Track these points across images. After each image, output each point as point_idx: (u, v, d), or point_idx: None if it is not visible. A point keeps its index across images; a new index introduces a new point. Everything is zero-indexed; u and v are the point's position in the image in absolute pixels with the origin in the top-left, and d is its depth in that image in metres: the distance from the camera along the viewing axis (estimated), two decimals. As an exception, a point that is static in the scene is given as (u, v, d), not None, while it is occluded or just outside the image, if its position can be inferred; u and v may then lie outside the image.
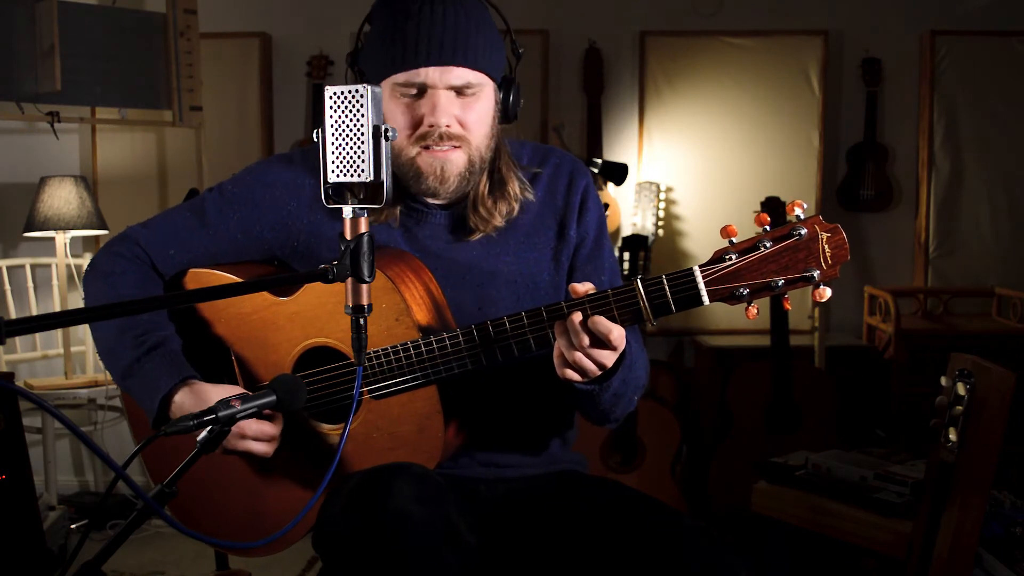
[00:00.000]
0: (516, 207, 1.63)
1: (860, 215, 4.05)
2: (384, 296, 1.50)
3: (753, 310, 1.37)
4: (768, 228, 1.36)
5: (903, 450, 2.73)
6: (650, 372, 1.67)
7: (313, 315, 1.57)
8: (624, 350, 1.45)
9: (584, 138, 3.97)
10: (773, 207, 3.48)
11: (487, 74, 1.55)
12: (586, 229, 1.67)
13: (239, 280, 1.62)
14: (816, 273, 1.34)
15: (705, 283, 1.37)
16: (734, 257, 1.36)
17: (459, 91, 1.52)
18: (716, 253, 1.37)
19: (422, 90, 1.52)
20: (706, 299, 1.37)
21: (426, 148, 1.53)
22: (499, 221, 1.62)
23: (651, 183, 3.77)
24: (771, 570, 2.59)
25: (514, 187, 1.63)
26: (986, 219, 4.04)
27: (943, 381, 1.94)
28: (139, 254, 1.66)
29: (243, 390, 1.58)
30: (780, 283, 1.35)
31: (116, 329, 1.59)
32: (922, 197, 4.03)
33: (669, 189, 3.99)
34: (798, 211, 1.34)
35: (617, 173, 3.25)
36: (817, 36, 3.96)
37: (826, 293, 1.35)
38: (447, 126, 1.52)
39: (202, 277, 1.67)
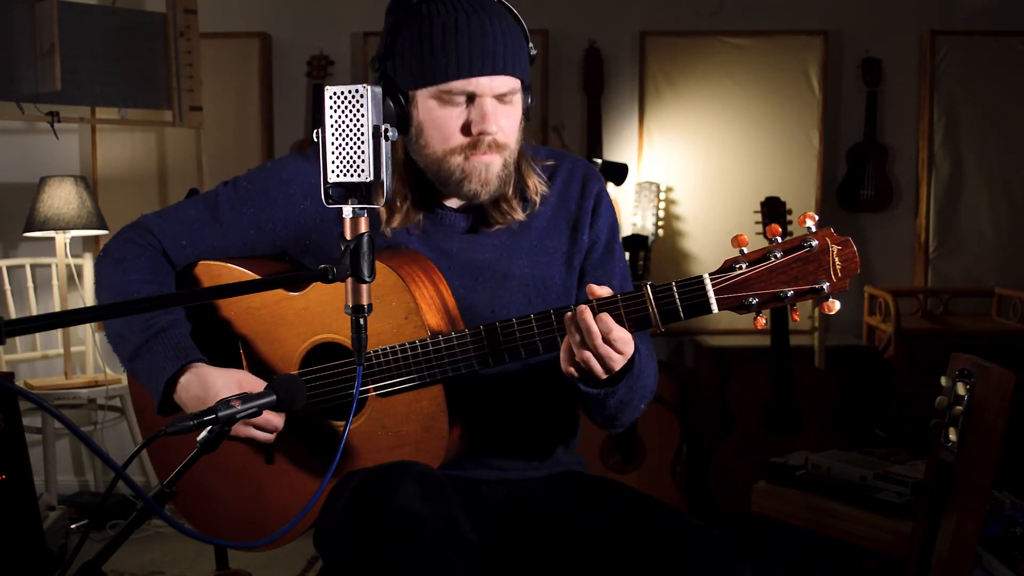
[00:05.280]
0: (537, 200, 1.64)
1: (860, 215, 4.05)
2: (394, 294, 1.51)
3: (761, 319, 1.38)
4: (779, 239, 1.37)
5: (903, 450, 2.73)
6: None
7: (322, 311, 1.58)
8: (633, 359, 1.45)
9: (584, 138, 3.97)
10: (773, 207, 3.48)
11: (522, 80, 1.56)
12: (598, 233, 1.67)
13: (249, 274, 1.63)
14: (826, 285, 1.35)
15: (715, 291, 1.37)
16: (744, 266, 1.36)
17: (500, 98, 1.53)
18: (726, 262, 1.38)
19: (471, 98, 1.51)
20: (715, 307, 1.37)
21: (472, 154, 1.54)
22: (520, 215, 1.62)
23: (651, 183, 3.77)
24: (771, 570, 2.59)
25: (533, 181, 1.63)
26: (986, 219, 4.04)
27: (943, 381, 1.94)
28: (151, 242, 1.66)
29: (248, 373, 1.58)
30: (789, 294, 1.36)
31: None
32: (922, 197, 4.03)
33: (669, 189, 3.99)
34: (809, 223, 1.35)
35: (617, 173, 3.25)
36: (817, 36, 3.96)
37: (835, 306, 1.36)
38: (495, 133, 1.53)
39: (213, 269, 1.67)
